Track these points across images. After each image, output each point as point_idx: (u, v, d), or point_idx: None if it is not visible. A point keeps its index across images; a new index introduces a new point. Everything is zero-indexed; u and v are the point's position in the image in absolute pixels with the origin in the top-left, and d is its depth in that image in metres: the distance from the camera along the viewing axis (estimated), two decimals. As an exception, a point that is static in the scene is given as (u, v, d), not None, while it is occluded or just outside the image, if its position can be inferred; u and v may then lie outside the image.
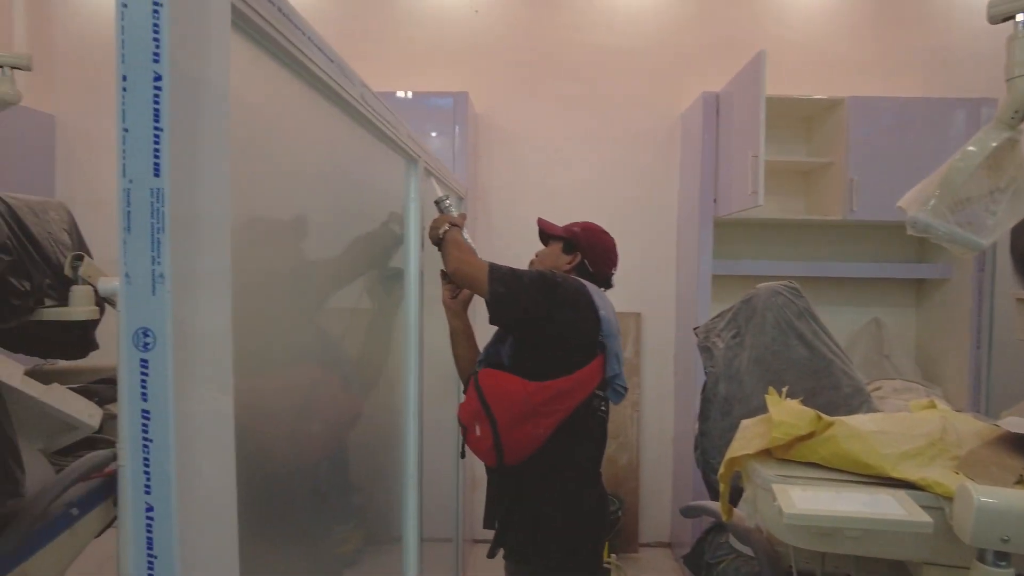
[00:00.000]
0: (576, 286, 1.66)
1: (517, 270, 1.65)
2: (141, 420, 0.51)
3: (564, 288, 1.62)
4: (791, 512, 0.88)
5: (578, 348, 1.63)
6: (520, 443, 1.59)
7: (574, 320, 1.62)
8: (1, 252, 1.62)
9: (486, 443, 1.60)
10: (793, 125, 3.34)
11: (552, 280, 1.62)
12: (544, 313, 1.58)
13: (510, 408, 1.57)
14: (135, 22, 0.51)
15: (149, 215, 0.51)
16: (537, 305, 1.58)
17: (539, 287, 1.59)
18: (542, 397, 1.57)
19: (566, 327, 1.61)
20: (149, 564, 0.52)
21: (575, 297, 1.63)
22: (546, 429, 1.59)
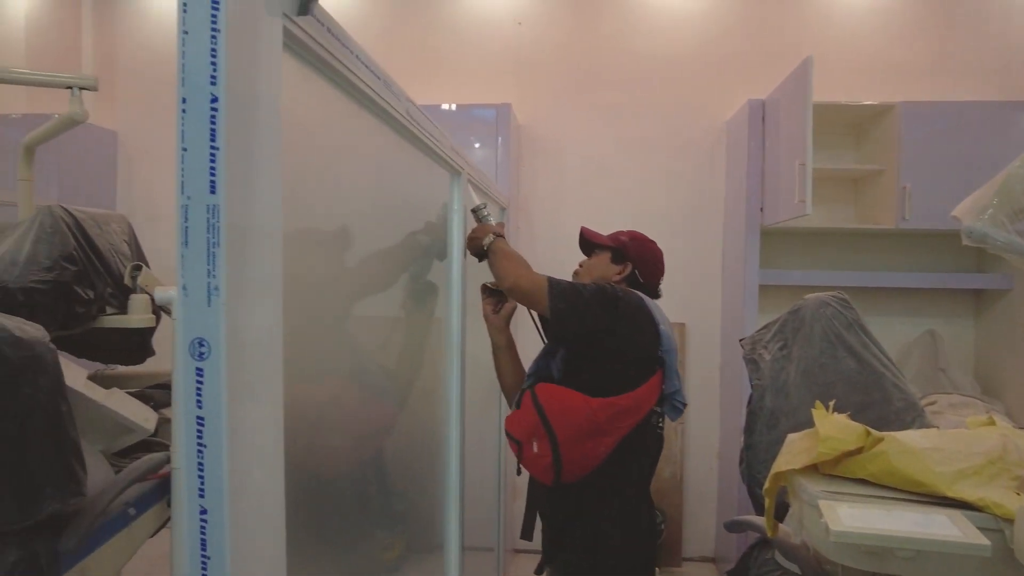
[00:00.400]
0: (636, 300, 1.62)
1: (576, 284, 1.62)
2: (196, 426, 0.53)
3: (625, 302, 1.58)
4: (838, 529, 0.86)
5: (637, 363, 1.59)
6: (580, 461, 1.53)
7: (635, 335, 1.58)
8: (68, 263, 1.71)
9: (544, 461, 1.54)
10: (842, 132, 3.26)
11: (613, 294, 1.58)
12: (606, 327, 1.54)
13: (573, 425, 1.52)
14: (195, 48, 0.54)
15: (205, 230, 0.53)
16: (599, 320, 1.54)
17: (600, 301, 1.55)
18: (606, 415, 1.52)
19: (627, 342, 1.57)
20: (203, 564, 0.54)
21: (636, 311, 1.59)
22: (607, 448, 1.53)
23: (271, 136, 0.61)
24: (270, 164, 0.61)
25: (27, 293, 1.59)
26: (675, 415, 1.69)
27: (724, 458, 3.30)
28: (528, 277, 1.59)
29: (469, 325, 1.85)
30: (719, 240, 3.39)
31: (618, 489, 1.61)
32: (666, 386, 1.63)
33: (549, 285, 1.55)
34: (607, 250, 1.79)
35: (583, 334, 1.56)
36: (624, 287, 1.68)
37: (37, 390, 1.37)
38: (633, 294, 1.64)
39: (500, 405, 2.77)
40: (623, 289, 1.65)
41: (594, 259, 1.82)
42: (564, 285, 1.57)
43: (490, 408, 2.61)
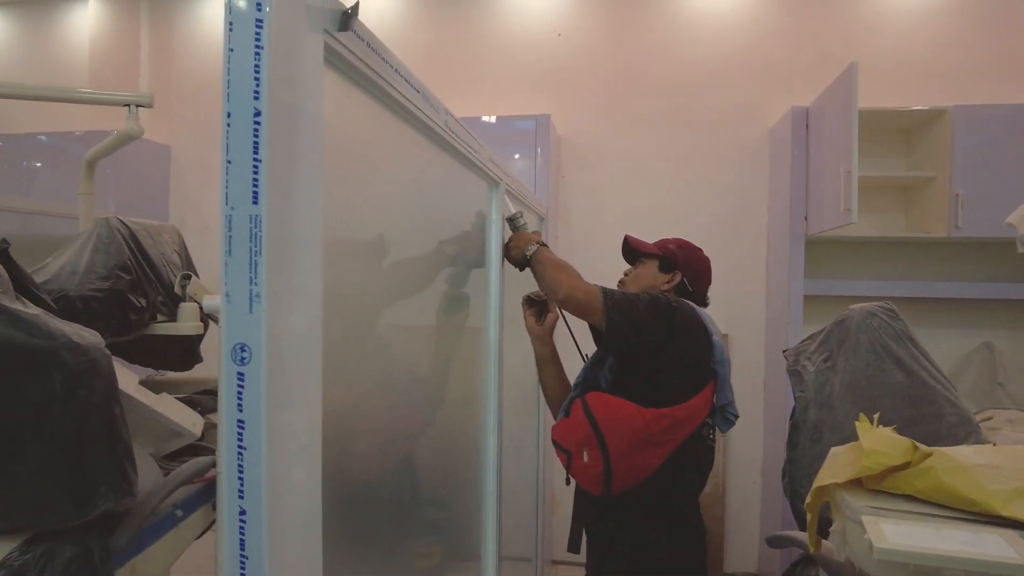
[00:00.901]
0: (689, 310, 1.61)
1: (629, 294, 1.59)
2: (237, 429, 0.55)
3: (680, 313, 1.57)
4: (882, 547, 0.83)
5: (690, 374, 1.58)
6: (631, 472, 1.52)
7: (689, 346, 1.56)
8: (123, 272, 1.78)
9: (594, 471, 1.53)
10: (890, 138, 3.18)
11: (667, 305, 1.56)
12: (662, 339, 1.53)
13: (626, 436, 1.50)
14: (239, 65, 0.56)
15: (248, 239, 0.55)
16: (654, 331, 1.52)
17: (655, 312, 1.53)
18: (660, 426, 1.50)
19: (681, 353, 1.55)
20: (241, 564, 0.56)
21: (690, 322, 1.58)
22: (658, 459, 1.53)
23: (313, 148, 0.63)
24: (311, 176, 0.63)
25: (85, 301, 1.67)
26: (726, 427, 1.68)
27: (767, 474, 3.22)
28: (581, 287, 1.55)
29: (507, 335, 1.86)
30: (763, 250, 3.33)
31: (667, 500, 1.60)
32: (718, 398, 1.63)
33: (603, 296, 1.52)
34: (654, 258, 1.76)
35: (637, 345, 1.53)
36: (675, 297, 1.67)
37: (93, 393, 1.43)
38: (686, 304, 1.63)
39: (538, 415, 2.76)
40: (676, 299, 1.63)
41: (641, 268, 1.79)
42: (618, 295, 1.54)
43: (528, 418, 2.60)
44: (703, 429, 1.61)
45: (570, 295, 1.55)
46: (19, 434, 1.38)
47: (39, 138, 3.72)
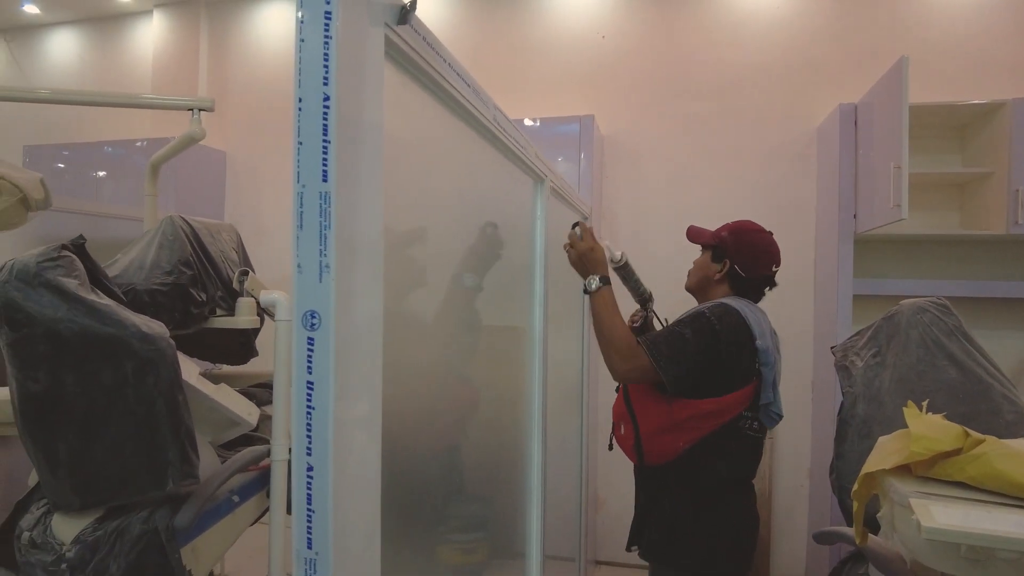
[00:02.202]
0: (734, 323, 1.62)
1: (672, 336, 1.60)
2: (307, 390, 0.59)
3: (725, 331, 1.59)
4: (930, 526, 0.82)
5: (729, 375, 1.62)
6: (659, 450, 1.64)
7: (735, 356, 1.60)
8: (185, 267, 1.88)
9: (629, 442, 1.69)
10: (943, 134, 3.09)
11: (711, 328, 1.59)
12: (715, 360, 1.58)
13: (652, 418, 1.64)
14: (310, 53, 0.61)
15: (318, 214, 0.60)
16: (710, 360, 1.58)
17: (704, 344, 1.57)
18: (686, 414, 1.60)
19: (729, 363, 1.60)
20: (308, 517, 0.60)
21: (736, 336, 1.61)
22: (686, 443, 1.62)
23: (375, 133, 0.67)
24: (374, 158, 0.67)
25: (151, 294, 1.76)
26: (770, 424, 1.72)
27: (815, 476, 3.16)
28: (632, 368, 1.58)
29: (551, 332, 1.88)
30: (811, 249, 3.27)
31: (693, 482, 1.66)
32: (761, 397, 1.65)
33: (652, 358, 1.55)
34: (709, 248, 1.80)
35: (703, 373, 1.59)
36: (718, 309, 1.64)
37: (159, 380, 1.51)
38: (730, 315, 1.63)
39: (582, 414, 2.77)
40: (718, 312, 1.63)
41: (700, 258, 1.83)
42: (664, 348, 1.57)
43: (571, 417, 2.62)
44: (739, 422, 1.64)
45: (624, 379, 1.65)
46: (96, 416, 1.47)
47: (105, 148, 3.92)
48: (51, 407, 1.47)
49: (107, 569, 1.52)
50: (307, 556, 0.60)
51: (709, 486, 1.65)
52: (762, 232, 1.80)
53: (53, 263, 1.48)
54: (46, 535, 1.57)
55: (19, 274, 1.44)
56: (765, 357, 1.63)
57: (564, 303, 2.35)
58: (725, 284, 1.77)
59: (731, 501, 1.68)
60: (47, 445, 1.49)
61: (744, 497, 1.71)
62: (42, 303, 1.43)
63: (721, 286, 1.77)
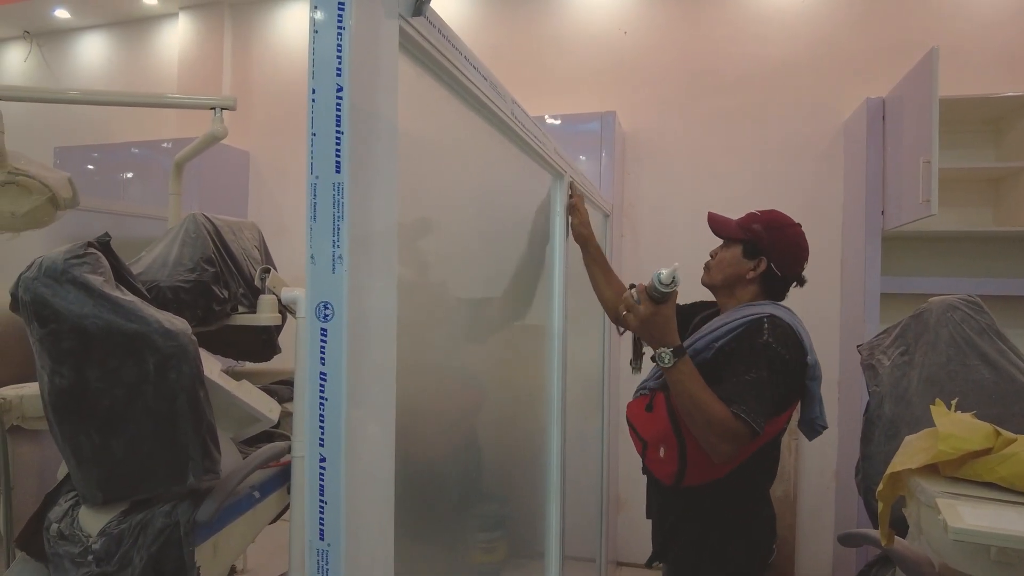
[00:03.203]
0: (795, 342, 1.48)
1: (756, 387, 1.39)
2: (319, 381, 0.59)
3: (793, 362, 1.45)
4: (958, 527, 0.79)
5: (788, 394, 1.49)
6: (702, 472, 1.50)
7: (795, 378, 1.49)
8: (208, 264, 1.90)
9: (670, 467, 1.52)
10: (976, 128, 3.01)
11: (782, 361, 1.42)
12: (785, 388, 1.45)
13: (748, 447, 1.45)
14: (323, 44, 0.60)
15: (331, 205, 0.59)
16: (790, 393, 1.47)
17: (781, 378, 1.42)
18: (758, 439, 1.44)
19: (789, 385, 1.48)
20: (320, 508, 0.60)
21: (798, 356, 1.48)
22: (732, 464, 1.50)
23: (389, 124, 0.67)
24: (388, 150, 0.66)
25: (174, 291, 1.78)
26: (811, 436, 1.64)
27: (841, 477, 3.11)
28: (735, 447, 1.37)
29: (571, 330, 1.87)
30: (837, 245, 3.21)
31: (734, 497, 1.57)
32: (808, 411, 1.57)
33: (741, 421, 1.34)
34: (739, 243, 1.64)
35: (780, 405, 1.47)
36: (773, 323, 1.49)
37: (181, 376, 1.53)
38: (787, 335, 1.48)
39: (602, 415, 2.75)
40: (779, 337, 1.46)
41: (725, 252, 1.67)
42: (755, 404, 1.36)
43: (592, 418, 2.60)
44: (778, 436, 1.58)
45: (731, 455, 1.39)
46: (119, 411, 1.49)
47: (132, 149, 3.99)
48: (77, 401, 1.49)
49: (131, 561, 1.54)
50: (319, 547, 0.59)
51: (743, 502, 1.57)
52: (795, 226, 1.66)
53: (80, 260, 1.50)
54: (73, 527, 1.59)
55: (47, 271, 1.47)
56: (813, 372, 1.52)
57: (584, 301, 2.34)
58: (757, 284, 1.62)
59: (756, 512, 1.61)
60: (73, 439, 1.52)
61: (767, 507, 1.64)
62: (69, 299, 1.46)
63: (752, 286, 1.63)
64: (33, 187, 1.88)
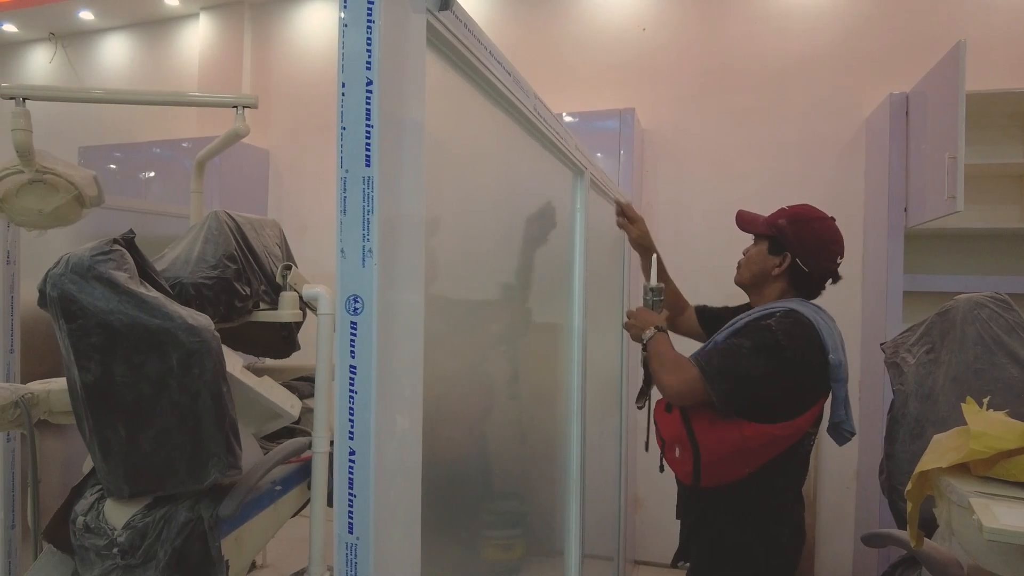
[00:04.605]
0: (803, 335, 1.46)
1: (729, 348, 1.48)
2: (349, 374, 0.59)
3: (792, 348, 1.44)
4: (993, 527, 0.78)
5: (801, 396, 1.49)
6: (721, 475, 1.51)
7: (805, 375, 1.48)
8: (230, 261, 1.91)
9: (685, 467, 1.54)
10: (1004, 123, 2.95)
11: (775, 345, 1.44)
12: (778, 380, 1.45)
13: (720, 446, 1.48)
14: (353, 38, 0.60)
15: (361, 199, 0.60)
16: (769, 378, 1.44)
17: (765, 359, 1.43)
18: (759, 443, 1.46)
19: (796, 382, 1.47)
20: (350, 501, 0.60)
21: (806, 355, 1.46)
22: (750, 468, 1.50)
23: (417, 118, 0.67)
24: (415, 144, 0.67)
25: (197, 288, 1.80)
26: (841, 441, 1.63)
27: (862, 477, 3.07)
28: (681, 381, 1.48)
29: (590, 328, 1.86)
30: (859, 243, 3.17)
31: (754, 500, 1.55)
32: (833, 415, 1.56)
33: (704, 375, 1.44)
34: (765, 239, 1.63)
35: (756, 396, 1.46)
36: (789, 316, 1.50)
37: (204, 371, 1.54)
38: (800, 327, 1.47)
39: (621, 413, 2.74)
40: (786, 326, 1.47)
41: (752, 250, 1.67)
42: (717, 363, 1.45)
43: (610, 417, 2.59)
44: (805, 439, 1.55)
45: (677, 394, 1.50)
46: (144, 406, 1.51)
47: (154, 149, 4.04)
48: (103, 396, 1.51)
49: (155, 554, 1.56)
50: (348, 541, 0.60)
51: (762, 505, 1.55)
52: (824, 219, 1.60)
53: (105, 257, 1.52)
54: (99, 520, 1.62)
55: (74, 267, 1.49)
56: (837, 372, 1.48)
57: (603, 298, 2.33)
58: (784, 281, 1.60)
59: (782, 517, 1.57)
60: (100, 433, 1.54)
61: (794, 512, 1.60)
62: (95, 295, 1.48)
63: (779, 283, 1.61)
64: (60, 185, 1.90)
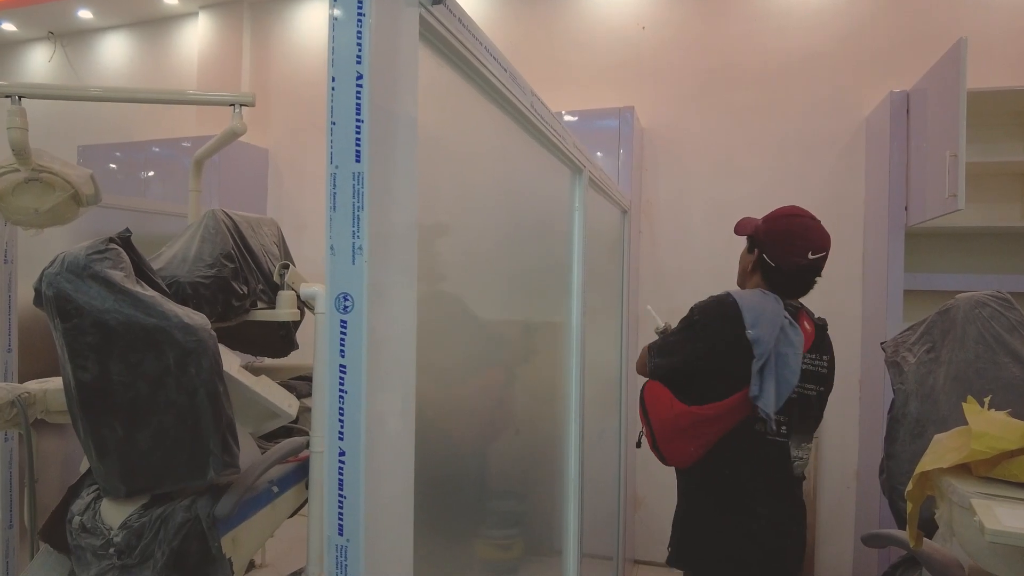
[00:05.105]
0: (720, 311, 1.58)
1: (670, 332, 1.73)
2: (339, 374, 0.58)
3: (702, 323, 1.61)
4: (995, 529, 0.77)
5: (723, 375, 1.56)
6: (675, 454, 1.65)
7: (716, 350, 1.57)
8: (227, 260, 1.90)
9: (650, 442, 1.70)
10: (1005, 121, 2.94)
11: (690, 321, 1.64)
12: (691, 348, 1.61)
13: (662, 424, 1.63)
14: (344, 31, 0.60)
15: (351, 196, 0.59)
16: (683, 344, 1.63)
17: (679, 328, 1.66)
18: (688, 421, 1.58)
19: (709, 359, 1.58)
20: (340, 502, 0.59)
21: (714, 320, 1.58)
22: (697, 448, 1.60)
23: (409, 114, 0.66)
24: (408, 140, 0.66)
25: (194, 287, 1.79)
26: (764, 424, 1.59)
27: (863, 476, 3.06)
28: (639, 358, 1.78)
29: (588, 327, 1.85)
30: (859, 241, 3.16)
31: (717, 487, 1.63)
32: (750, 389, 1.53)
33: (648, 352, 1.72)
34: (747, 239, 1.76)
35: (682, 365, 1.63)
36: (718, 295, 1.64)
37: (201, 370, 1.53)
38: (720, 304, 1.60)
39: (620, 412, 2.74)
40: (704, 303, 1.64)
41: (743, 249, 1.79)
42: (658, 342, 1.72)
43: (610, 416, 2.58)
44: (754, 425, 1.57)
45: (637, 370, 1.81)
46: (140, 405, 1.50)
47: (153, 148, 4.04)
48: (99, 395, 1.51)
49: (152, 554, 1.55)
50: (338, 543, 0.59)
51: (732, 493, 1.60)
52: (798, 216, 1.67)
53: (101, 255, 1.51)
54: (95, 520, 1.61)
55: (70, 266, 1.48)
56: (763, 348, 1.51)
57: (602, 297, 2.32)
58: (758, 275, 1.69)
59: (758, 511, 1.59)
60: (96, 432, 1.53)
61: (775, 508, 1.61)
62: (90, 294, 1.47)
63: (755, 277, 1.70)
64: (56, 184, 1.90)
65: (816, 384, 1.65)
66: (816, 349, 1.66)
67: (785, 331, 1.54)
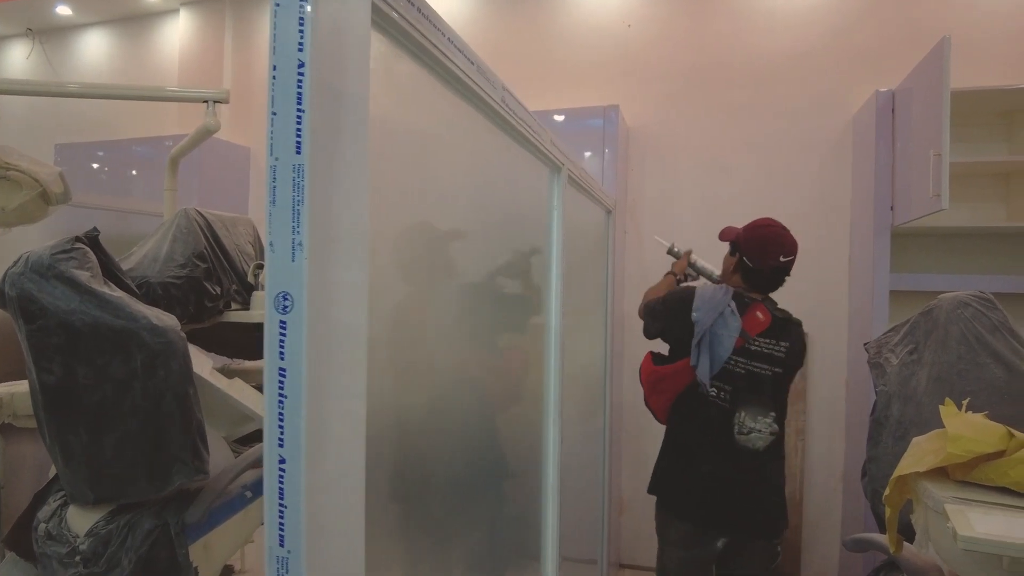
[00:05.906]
0: (680, 295, 1.98)
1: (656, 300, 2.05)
2: (278, 378, 0.55)
3: (670, 300, 2.00)
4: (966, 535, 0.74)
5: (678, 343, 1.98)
6: (655, 405, 2.06)
7: (674, 323, 1.95)
8: (199, 260, 1.86)
9: None
10: (988, 121, 2.94)
11: (664, 297, 2.03)
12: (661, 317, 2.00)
13: (646, 380, 2.07)
14: (285, 16, 0.56)
15: (291, 189, 0.55)
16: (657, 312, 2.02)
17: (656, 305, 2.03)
18: (655, 378, 2.02)
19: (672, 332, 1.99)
20: (280, 513, 0.56)
21: (677, 305, 1.96)
22: (663, 403, 2.03)
23: (358, 104, 0.63)
24: (356, 131, 0.62)
25: (164, 287, 1.75)
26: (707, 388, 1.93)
27: (849, 479, 3.05)
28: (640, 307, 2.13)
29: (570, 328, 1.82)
30: (845, 242, 3.15)
31: (676, 437, 2.03)
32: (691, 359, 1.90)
33: (645, 307, 2.09)
34: (730, 244, 2.04)
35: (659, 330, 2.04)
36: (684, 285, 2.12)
37: (170, 373, 1.49)
38: (682, 290, 2.00)
39: (605, 415, 2.71)
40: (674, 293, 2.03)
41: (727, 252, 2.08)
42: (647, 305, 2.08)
43: (593, 418, 2.55)
44: (699, 388, 1.91)
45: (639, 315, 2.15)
46: (105, 409, 1.46)
47: (134, 147, 3.98)
48: (65, 398, 1.46)
49: (119, 562, 1.51)
50: (279, 554, 0.56)
51: (685, 443, 1.98)
52: (773, 226, 1.96)
53: (66, 255, 1.47)
54: (61, 527, 1.57)
55: (33, 266, 1.44)
56: (697, 327, 1.87)
57: (585, 298, 2.29)
58: (738, 274, 1.99)
59: (702, 465, 1.92)
60: (61, 437, 1.49)
61: (719, 464, 1.90)
62: (55, 295, 1.43)
63: (736, 275, 2.00)
64: (23, 182, 1.85)
65: (769, 365, 1.90)
66: (771, 335, 1.92)
67: (724, 316, 1.88)
